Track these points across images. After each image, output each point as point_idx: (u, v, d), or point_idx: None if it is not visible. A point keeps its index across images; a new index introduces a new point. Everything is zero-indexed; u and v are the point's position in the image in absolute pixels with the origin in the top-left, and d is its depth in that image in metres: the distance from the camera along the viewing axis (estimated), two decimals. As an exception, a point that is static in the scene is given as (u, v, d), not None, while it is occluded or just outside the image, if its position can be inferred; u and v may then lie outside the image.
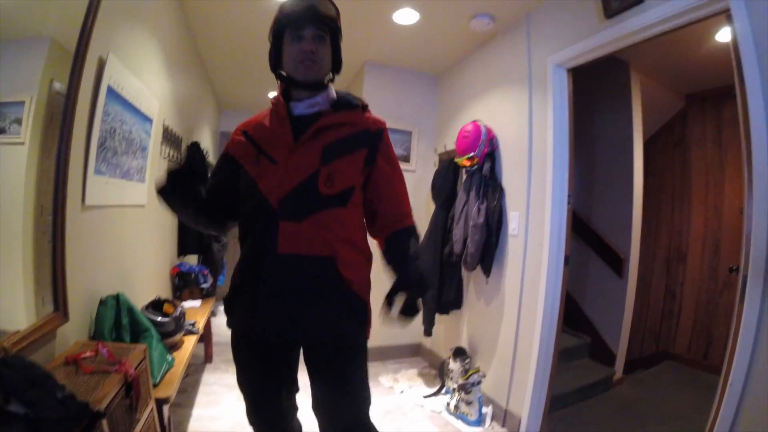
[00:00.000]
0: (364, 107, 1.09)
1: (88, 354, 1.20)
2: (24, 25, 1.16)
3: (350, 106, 1.06)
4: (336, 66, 1.08)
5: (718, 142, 3.13)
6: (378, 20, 2.46)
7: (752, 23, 1.28)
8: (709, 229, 3.16)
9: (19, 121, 1.13)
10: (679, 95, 3.26)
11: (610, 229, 2.93)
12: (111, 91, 1.57)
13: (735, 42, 1.35)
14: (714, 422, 1.32)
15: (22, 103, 1.15)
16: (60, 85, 1.26)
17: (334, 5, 1.05)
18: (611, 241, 2.89)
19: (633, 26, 1.68)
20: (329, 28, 1.02)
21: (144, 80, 1.97)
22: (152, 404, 1.37)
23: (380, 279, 1.17)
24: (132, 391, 1.17)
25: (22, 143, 1.16)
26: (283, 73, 1.05)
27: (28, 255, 1.16)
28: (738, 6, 1.32)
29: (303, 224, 0.96)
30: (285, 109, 1.03)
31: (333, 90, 1.08)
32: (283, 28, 1.02)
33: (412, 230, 1.09)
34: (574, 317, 3.10)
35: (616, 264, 2.82)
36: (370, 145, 1.04)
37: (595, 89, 3.02)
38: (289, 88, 1.06)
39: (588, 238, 3.08)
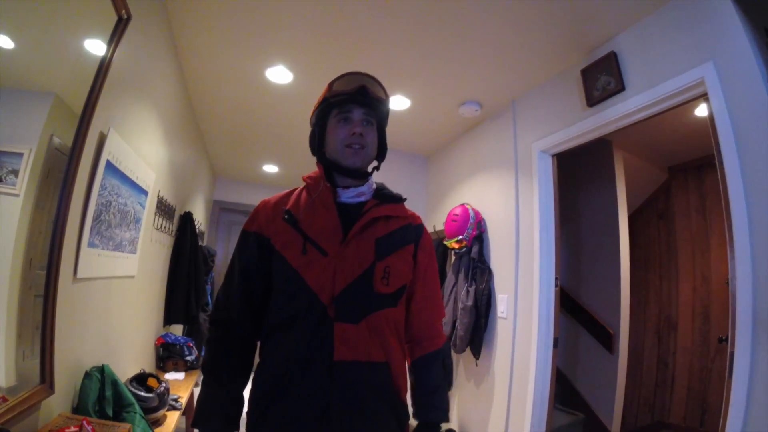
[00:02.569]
0: (404, 200, 1.04)
1: (72, 429, 1.17)
2: (31, 77, 1.18)
3: (394, 198, 1.00)
4: (381, 153, 1.01)
5: (702, 212, 3.21)
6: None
7: (728, 104, 1.35)
8: (697, 297, 3.18)
9: (15, 173, 1.13)
10: (661, 168, 3.37)
11: (599, 305, 2.94)
12: (109, 165, 1.60)
13: (712, 120, 1.42)
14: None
15: (21, 154, 1.15)
16: (59, 141, 1.27)
17: (383, 88, 0.97)
18: (601, 317, 2.89)
19: (615, 114, 1.76)
20: (377, 112, 0.96)
21: (142, 153, 2.00)
22: (135, 484, 1.32)
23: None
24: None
25: (17, 195, 1.15)
26: (328, 158, 0.96)
27: (13, 307, 1.14)
28: (715, 90, 1.40)
29: (360, 326, 0.86)
30: (332, 195, 0.94)
31: (373, 180, 1.02)
32: (329, 108, 0.95)
33: (441, 354, 1.01)
34: (567, 394, 3.05)
35: (607, 340, 2.81)
36: (415, 241, 0.98)
37: (579, 167, 3.12)
38: (330, 172, 0.96)
39: (577, 314, 3.08)
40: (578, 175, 3.16)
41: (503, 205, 2.40)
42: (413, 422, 0.98)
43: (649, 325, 3.35)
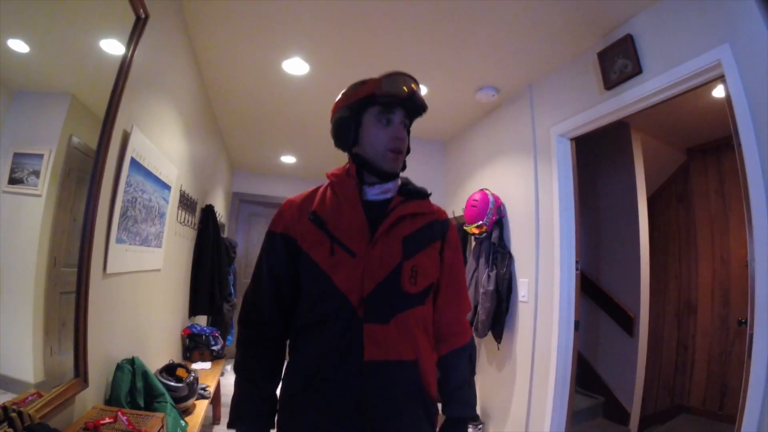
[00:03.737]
0: (429, 194, 1.01)
1: (107, 421, 1.21)
2: (48, 79, 1.20)
3: (419, 194, 0.98)
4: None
5: (721, 193, 3.18)
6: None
7: (745, 85, 1.35)
8: (717, 280, 3.16)
9: (36, 173, 1.15)
10: (680, 150, 3.33)
11: (619, 289, 2.94)
12: (134, 162, 1.64)
13: (730, 102, 1.41)
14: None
15: (41, 155, 1.17)
16: (78, 140, 1.29)
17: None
18: (621, 301, 2.89)
19: (632, 97, 1.76)
20: (415, 117, 0.96)
21: (164, 149, 2.04)
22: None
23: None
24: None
25: (39, 195, 1.17)
26: (360, 153, 0.94)
27: (39, 305, 1.17)
28: (731, 72, 1.39)
29: (389, 326, 0.86)
30: (358, 195, 0.92)
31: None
32: (368, 104, 0.91)
33: (468, 349, 1.02)
34: (587, 377, 3.07)
35: (627, 323, 2.81)
36: (441, 237, 0.97)
37: (597, 150, 3.10)
38: (361, 170, 0.94)
39: (597, 298, 3.09)
40: (597, 157, 3.14)
41: (522, 189, 2.40)
42: (441, 416, 0.98)
43: (669, 308, 3.34)
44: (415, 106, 0.93)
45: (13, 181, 1.08)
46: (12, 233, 1.12)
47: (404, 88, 0.90)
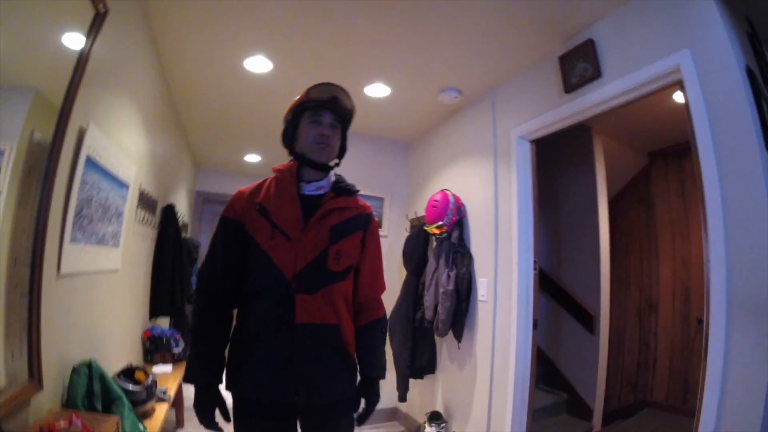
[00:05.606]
0: (357, 191, 1.23)
1: (62, 424, 1.21)
2: (10, 72, 1.16)
3: (348, 191, 1.19)
4: (341, 153, 1.22)
5: (681, 196, 3.27)
6: (352, 93, 2.52)
7: (704, 91, 1.38)
8: (678, 279, 3.25)
9: None
10: (642, 153, 3.42)
11: (580, 288, 3.00)
12: (90, 161, 1.59)
13: (688, 108, 1.44)
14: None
15: (2, 152, 1.13)
16: (40, 137, 1.26)
17: (351, 101, 1.18)
18: (581, 300, 2.95)
19: (592, 100, 1.79)
20: (343, 119, 1.17)
21: (122, 146, 1.99)
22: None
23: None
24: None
25: (0, 192, 1.13)
26: (296, 150, 1.16)
27: (0, 307, 1.13)
28: (690, 77, 1.42)
29: (316, 296, 1.06)
30: (296, 189, 1.12)
31: (333, 174, 1.21)
32: (303, 110, 1.14)
33: (382, 322, 1.25)
34: (549, 375, 3.12)
35: (588, 321, 2.87)
36: (363, 227, 1.18)
37: (560, 153, 3.16)
38: (300, 167, 1.16)
39: (559, 297, 3.14)
40: (559, 160, 3.20)
41: (482, 190, 2.43)
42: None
43: (631, 306, 3.42)
44: (337, 109, 1.14)
45: None
46: None
47: (328, 95, 1.12)
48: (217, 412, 1.09)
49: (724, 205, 1.30)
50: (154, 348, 2.72)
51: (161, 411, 1.97)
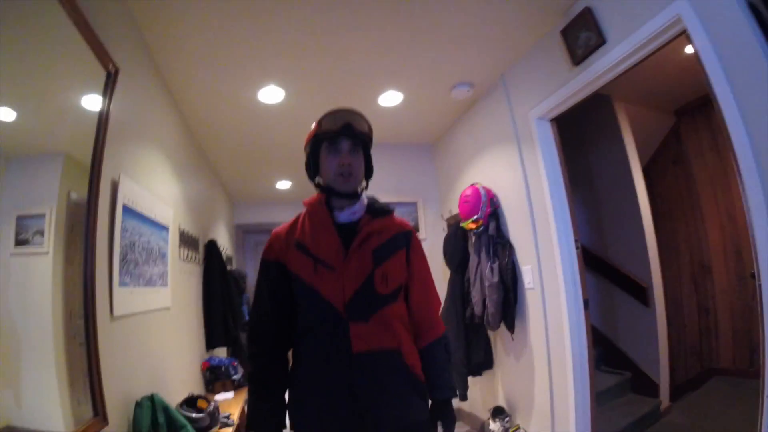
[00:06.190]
0: (392, 210, 1.20)
1: None
2: (38, 142, 1.27)
3: (383, 212, 1.16)
4: (368, 173, 1.18)
5: (715, 149, 3.14)
6: (366, 106, 2.62)
7: (711, 38, 1.33)
8: (727, 236, 3.11)
9: (41, 232, 1.20)
10: (667, 113, 3.31)
11: (628, 261, 2.91)
12: (126, 209, 1.68)
13: (698, 57, 1.39)
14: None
15: (43, 215, 1.22)
16: (77, 196, 1.36)
17: (366, 121, 1.14)
18: (631, 273, 2.87)
19: (601, 67, 1.76)
20: (362, 141, 1.13)
21: (156, 192, 2.10)
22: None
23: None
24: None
25: (46, 253, 1.22)
26: (321, 183, 1.13)
27: (61, 358, 1.24)
28: (693, 25, 1.38)
29: (369, 323, 1.04)
30: (330, 219, 1.10)
31: (365, 196, 1.17)
32: (320, 141, 1.11)
33: (443, 340, 1.19)
34: (610, 355, 3.03)
35: (641, 294, 2.78)
36: (406, 245, 1.15)
37: (584, 129, 3.10)
38: (328, 196, 1.12)
39: (608, 274, 3.06)
40: (585, 136, 3.13)
41: (512, 178, 2.41)
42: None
43: (684, 272, 3.29)
44: (354, 135, 1.10)
45: (19, 242, 1.13)
46: (25, 293, 1.17)
47: (340, 123, 1.08)
48: None
49: (755, 150, 1.24)
50: (214, 377, 2.82)
51: (227, 435, 2.02)
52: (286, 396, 1.11)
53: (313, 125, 1.13)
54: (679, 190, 3.33)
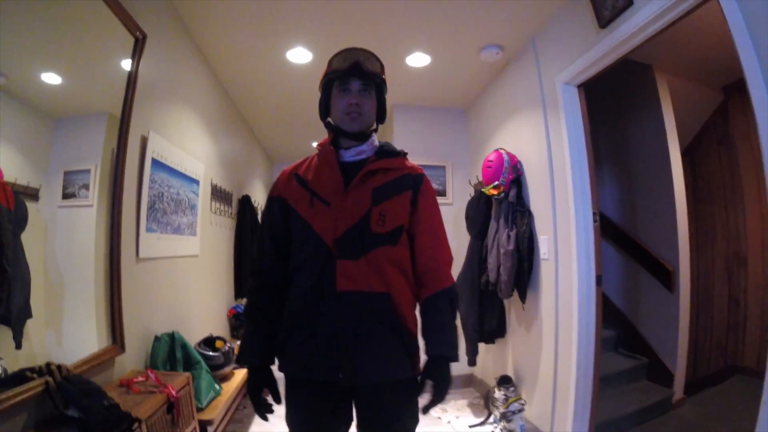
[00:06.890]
0: (405, 154, 1.16)
1: (139, 379, 1.46)
2: (84, 103, 1.41)
3: (393, 153, 1.12)
4: (380, 116, 1.15)
5: None
6: (394, 66, 2.61)
7: (740, 5, 1.24)
8: (766, 228, 2.90)
9: (86, 186, 1.34)
10: (714, 89, 3.05)
11: (657, 242, 2.79)
12: (156, 162, 1.83)
13: (725, 17, 1.29)
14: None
15: (89, 170, 1.36)
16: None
17: (378, 60, 1.10)
18: (658, 254, 2.75)
19: (628, 30, 1.67)
20: (374, 82, 1.09)
21: (187, 148, 2.24)
22: (195, 424, 1.60)
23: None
24: (174, 409, 1.39)
25: (91, 205, 1.37)
26: (331, 123, 1.12)
27: (101, 296, 1.43)
28: None
29: (359, 262, 0.99)
30: (334, 156, 1.08)
31: (376, 139, 1.14)
32: (331, 81, 1.08)
33: (449, 293, 1.09)
34: (630, 338, 2.95)
35: (666, 278, 2.67)
36: (413, 188, 1.09)
37: (622, 99, 2.94)
38: (337, 136, 1.11)
39: (635, 253, 2.94)
40: (623, 108, 2.98)
41: (536, 145, 2.36)
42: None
43: (718, 260, 3.11)
44: (362, 74, 1.06)
45: (66, 195, 1.27)
46: (71, 243, 1.33)
47: (349, 62, 1.05)
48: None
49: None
50: (239, 324, 3.04)
51: (239, 376, 2.19)
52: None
53: (326, 66, 1.11)
54: (721, 172, 3.11)
